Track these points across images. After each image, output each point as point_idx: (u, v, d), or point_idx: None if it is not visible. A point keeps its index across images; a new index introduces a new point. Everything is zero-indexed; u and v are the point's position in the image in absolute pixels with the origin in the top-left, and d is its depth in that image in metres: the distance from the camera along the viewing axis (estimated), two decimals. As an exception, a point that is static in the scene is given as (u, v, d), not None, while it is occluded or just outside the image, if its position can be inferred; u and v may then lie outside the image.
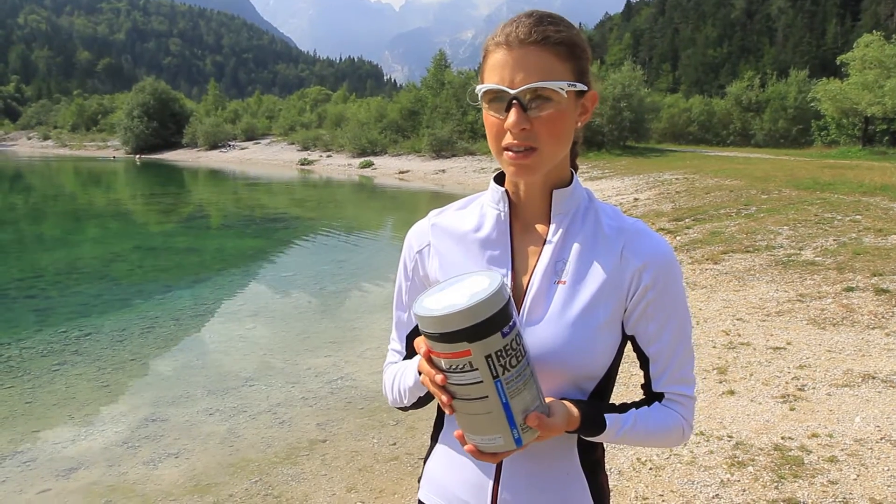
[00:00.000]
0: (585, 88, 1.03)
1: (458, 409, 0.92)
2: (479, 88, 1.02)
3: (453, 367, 0.89)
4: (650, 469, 3.47)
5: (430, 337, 0.89)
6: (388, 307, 1.26)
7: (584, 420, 1.01)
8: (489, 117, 1.02)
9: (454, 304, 0.87)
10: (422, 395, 1.13)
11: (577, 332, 1.03)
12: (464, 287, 0.92)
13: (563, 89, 0.98)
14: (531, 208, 1.12)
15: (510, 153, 1.00)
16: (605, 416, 1.04)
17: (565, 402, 1.01)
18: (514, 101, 0.97)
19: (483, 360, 0.87)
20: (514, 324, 0.90)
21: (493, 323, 0.87)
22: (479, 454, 0.96)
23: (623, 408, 1.08)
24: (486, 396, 0.89)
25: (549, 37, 0.98)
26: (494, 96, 1.00)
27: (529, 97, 0.98)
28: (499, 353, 0.88)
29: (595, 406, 1.05)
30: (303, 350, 6.39)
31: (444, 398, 0.92)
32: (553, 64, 0.98)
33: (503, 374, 0.89)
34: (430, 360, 0.93)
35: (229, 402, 5.06)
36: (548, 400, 0.99)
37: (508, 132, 0.99)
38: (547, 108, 0.98)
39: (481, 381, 0.88)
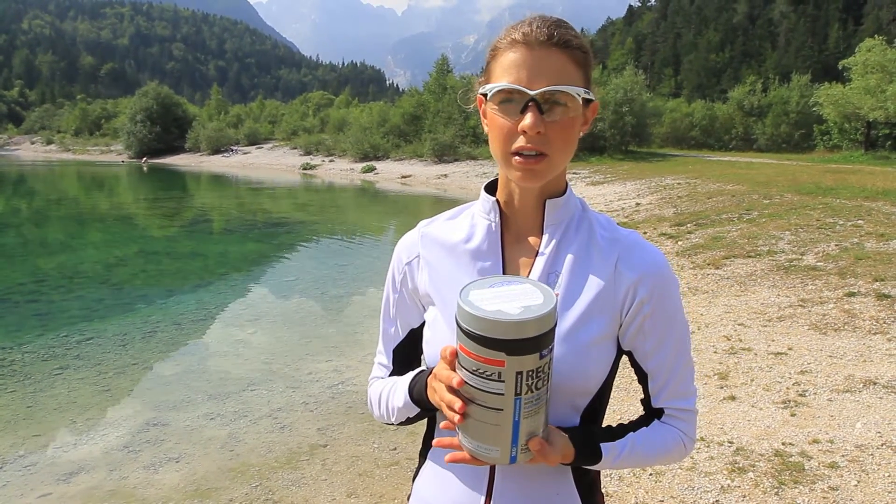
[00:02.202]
0: (594, 98, 1.01)
1: (466, 409, 0.89)
2: (491, 87, 0.98)
3: (480, 370, 0.85)
4: (650, 475, 3.46)
5: (466, 333, 0.85)
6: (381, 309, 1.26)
7: (578, 454, 0.99)
8: (497, 119, 0.98)
9: (504, 312, 0.83)
10: (411, 415, 1.10)
11: (570, 347, 1.00)
12: (516, 294, 0.88)
13: (579, 95, 0.96)
14: (523, 219, 1.08)
15: (519, 158, 0.96)
16: (601, 445, 1.01)
17: (563, 433, 0.99)
18: (532, 103, 0.94)
19: (513, 375, 0.84)
20: (553, 348, 0.88)
21: (537, 343, 0.84)
22: (464, 455, 0.94)
23: (620, 431, 1.05)
24: (501, 409, 0.87)
25: (569, 41, 0.96)
26: (507, 96, 0.96)
27: (545, 100, 0.95)
28: (530, 373, 0.85)
29: (591, 435, 1.02)
30: (304, 355, 6.40)
31: (458, 405, 0.88)
32: (571, 69, 0.96)
33: (525, 393, 0.86)
34: (454, 357, 0.89)
35: (230, 407, 5.06)
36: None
37: (521, 135, 0.95)
38: (561, 114, 0.96)
39: (502, 394, 0.86)
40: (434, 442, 1.00)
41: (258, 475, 3.98)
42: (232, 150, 55.82)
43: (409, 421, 1.14)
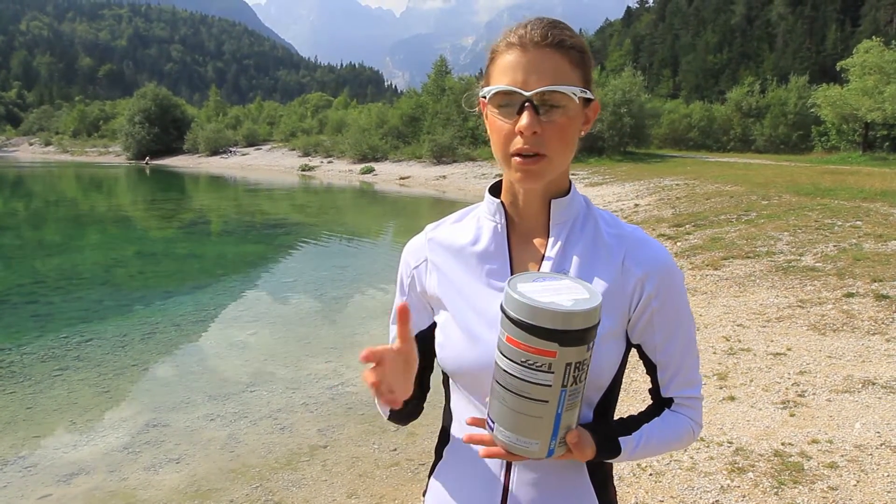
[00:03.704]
0: (593, 97, 1.02)
1: (507, 402, 0.89)
2: (489, 90, 0.99)
3: (529, 362, 0.86)
4: (650, 475, 3.47)
5: (517, 324, 0.85)
6: (390, 313, 1.27)
7: (599, 450, 1.01)
8: (496, 121, 0.99)
9: (558, 304, 0.85)
10: (395, 409, 1.06)
11: None
12: (563, 288, 0.90)
13: (575, 95, 0.96)
14: (529, 219, 1.10)
15: (518, 158, 0.97)
16: (619, 439, 1.03)
17: (585, 429, 1.00)
18: (528, 104, 0.95)
19: (563, 366, 0.85)
20: (595, 343, 0.90)
21: (588, 335, 0.86)
22: (499, 450, 0.94)
23: (633, 424, 1.07)
24: (546, 402, 0.87)
25: (564, 41, 0.97)
26: (504, 98, 0.97)
27: (542, 101, 0.96)
28: (577, 365, 0.86)
29: (609, 430, 1.04)
30: (303, 356, 6.40)
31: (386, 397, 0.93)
32: (566, 69, 0.97)
33: (570, 385, 0.87)
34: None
35: (230, 408, 5.06)
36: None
37: (518, 136, 0.96)
38: (558, 114, 0.96)
39: (549, 386, 0.86)
40: (464, 437, 1.00)
41: (258, 476, 3.98)
42: (230, 152, 55.80)
43: (394, 415, 1.15)
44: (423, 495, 1.21)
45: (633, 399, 4.33)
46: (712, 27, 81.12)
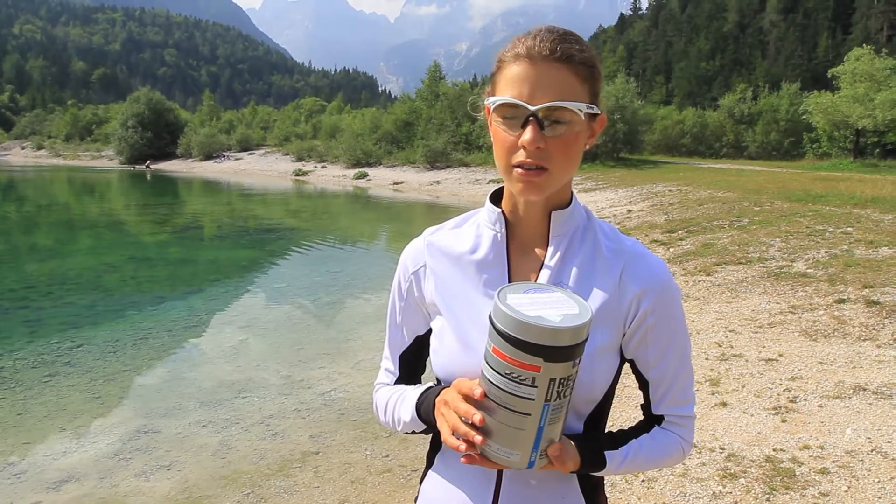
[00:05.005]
0: (599, 112, 1.01)
1: (491, 412, 0.89)
2: (494, 100, 0.98)
3: (513, 374, 0.86)
4: (642, 481, 3.47)
5: (504, 337, 0.85)
6: (383, 318, 1.25)
7: (583, 462, 1.01)
8: (500, 132, 0.98)
9: (545, 319, 0.84)
10: (417, 430, 1.12)
11: None
12: (553, 302, 0.89)
13: (581, 111, 0.95)
14: (529, 229, 1.09)
15: (520, 170, 0.97)
16: (605, 453, 1.04)
17: (570, 441, 1.00)
18: (532, 118, 0.94)
19: (547, 381, 0.85)
20: (587, 357, 0.90)
21: (574, 351, 0.85)
22: (481, 458, 0.94)
23: (622, 438, 1.08)
24: (529, 414, 0.87)
25: (573, 56, 0.96)
26: (509, 111, 0.97)
27: (547, 116, 0.95)
28: (562, 381, 0.86)
29: (596, 444, 1.04)
30: (296, 361, 6.38)
31: (479, 438, 0.89)
32: (574, 84, 0.96)
33: (554, 400, 0.87)
34: (481, 398, 0.90)
35: (222, 414, 5.04)
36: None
37: (521, 149, 0.96)
38: (563, 129, 0.96)
39: (533, 399, 0.86)
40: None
41: (250, 482, 3.96)
42: (224, 156, 55.70)
43: (415, 433, 1.15)
44: (415, 501, 1.22)
45: (625, 405, 4.34)
46: (705, 34, 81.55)
